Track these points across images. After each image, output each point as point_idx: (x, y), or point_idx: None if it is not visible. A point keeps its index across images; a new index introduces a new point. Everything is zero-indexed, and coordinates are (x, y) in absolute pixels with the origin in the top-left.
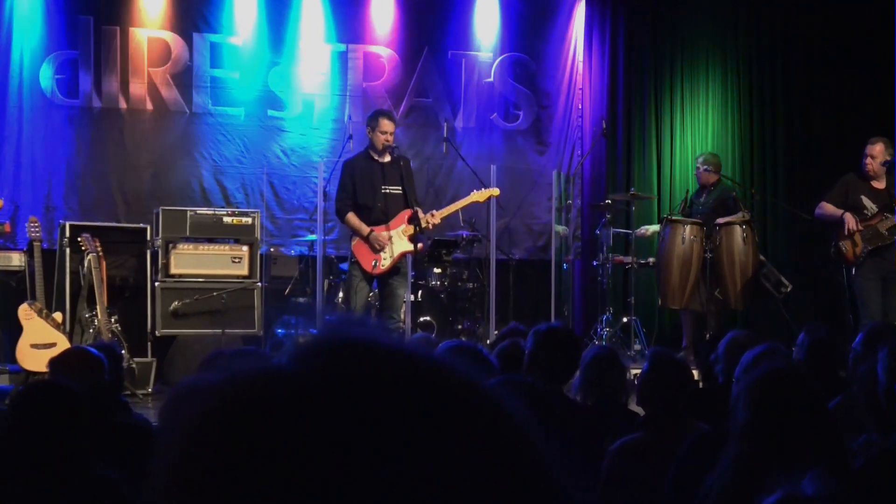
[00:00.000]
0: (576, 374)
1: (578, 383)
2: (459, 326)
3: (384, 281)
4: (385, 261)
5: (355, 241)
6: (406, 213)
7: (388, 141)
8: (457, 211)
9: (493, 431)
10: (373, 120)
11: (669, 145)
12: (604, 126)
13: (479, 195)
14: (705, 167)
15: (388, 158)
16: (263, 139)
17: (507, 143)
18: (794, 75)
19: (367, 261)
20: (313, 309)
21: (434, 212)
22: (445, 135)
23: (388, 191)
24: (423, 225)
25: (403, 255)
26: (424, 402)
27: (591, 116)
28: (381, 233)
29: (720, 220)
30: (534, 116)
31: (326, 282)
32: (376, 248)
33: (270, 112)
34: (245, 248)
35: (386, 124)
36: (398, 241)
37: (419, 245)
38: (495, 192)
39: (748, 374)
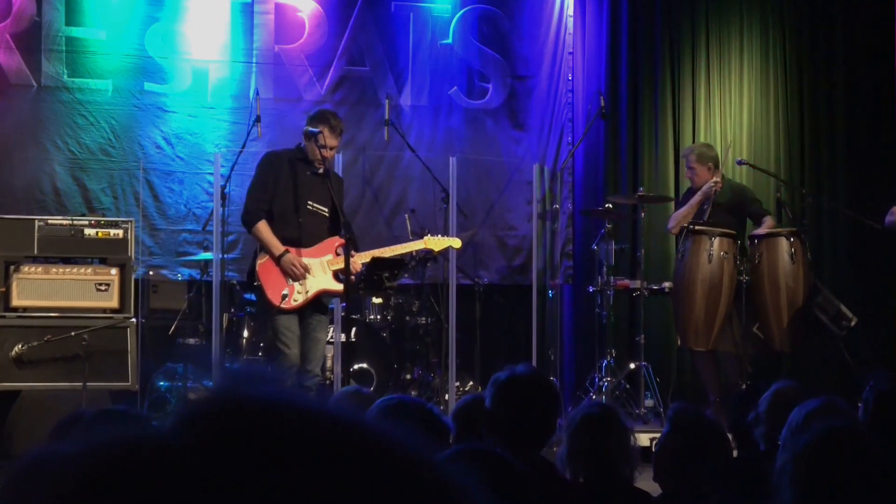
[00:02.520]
0: (560, 440)
1: (564, 453)
2: (408, 376)
3: (302, 323)
4: (298, 295)
5: (263, 260)
6: (334, 241)
7: (321, 162)
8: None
9: None
10: (315, 122)
11: (691, 130)
12: (602, 104)
13: (433, 241)
14: (699, 163)
15: (321, 171)
16: (139, 122)
17: (471, 127)
18: (857, 40)
19: (274, 289)
20: (207, 354)
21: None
22: (388, 116)
23: (313, 208)
24: (362, 261)
25: (321, 294)
26: (345, 486)
27: (584, 91)
28: (300, 257)
29: (759, 231)
30: (507, 91)
31: (226, 316)
32: (290, 276)
33: (148, 86)
34: (114, 270)
35: (329, 138)
36: (320, 274)
37: (341, 286)
38: (456, 243)
39: (797, 438)
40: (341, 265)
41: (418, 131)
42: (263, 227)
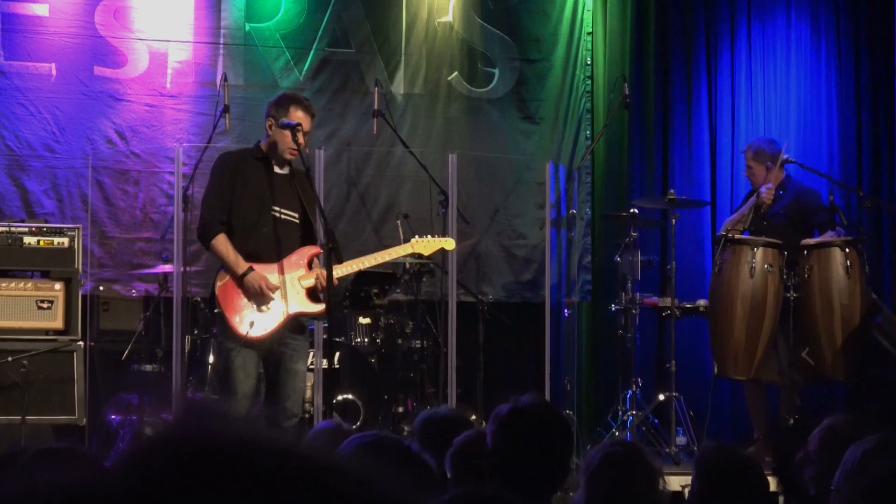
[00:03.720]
0: (577, 483)
1: (582, 499)
2: (400, 409)
3: (268, 347)
4: (267, 322)
5: (223, 282)
6: (307, 252)
7: (293, 153)
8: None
9: None
10: (285, 109)
11: (731, 123)
12: (626, 92)
13: (421, 245)
14: (755, 160)
15: (286, 170)
16: (87, 112)
17: (473, 119)
18: None
19: (238, 316)
20: (168, 383)
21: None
22: (377, 105)
23: (280, 214)
24: (336, 276)
25: (295, 318)
26: None
27: (606, 77)
28: (266, 274)
29: (809, 241)
30: (515, 76)
31: (188, 339)
32: (255, 299)
33: (99, 69)
34: (58, 285)
35: (300, 117)
36: (291, 294)
37: (319, 307)
38: (448, 244)
39: (853, 481)
40: (313, 281)
41: (412, 123)
42: (222, 242)
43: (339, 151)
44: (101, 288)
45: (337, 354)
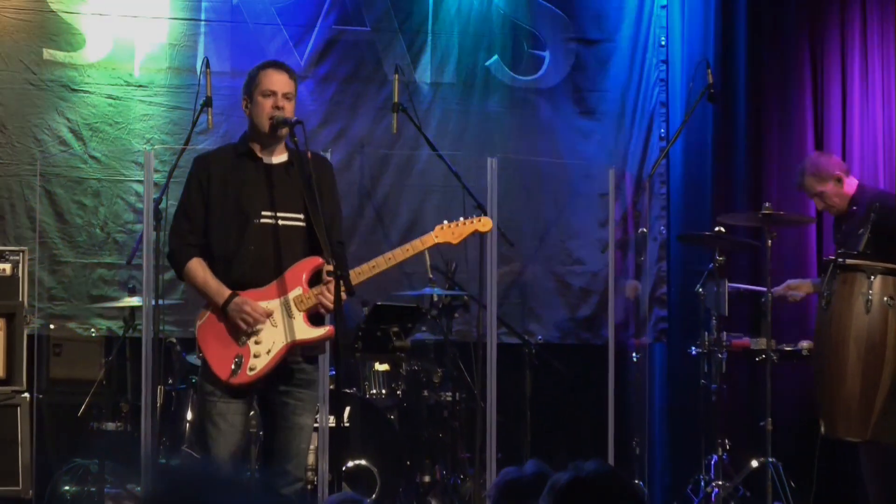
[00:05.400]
0: None
1: None
2: (426, 478)
3: (265, 395)
4: (256, 358)
5: (203, 320)
6: (306, 266)
7: (278, 112)
8: (408, 259)
9: None
10: (248, 83)
11: (841, 120)
12: (710, 81)
13: (448, 232)
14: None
15: (282, 157)
16: (35, 107)
17: (518, 114)
18: None
19: (220, 358)
20: (135, 445)
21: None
22: (396, 97)
23: (277, 221)
24: (344, 292)
25: (294, 347)
26: None
27: (684, 62)
28: (254, 301)
29: None
30: (571, 61)
31: (161, 390)
32: (239, 331)
33: (49, 53)
34: None
35: (274, 79)
36: (284, 319)
37: (323, 330)
38: (484, 225)
39: None
40: (313, 300)
41: (441, 120)
42: (196, 268)
43: (350, 155)
44: (51, 326)
45: (347, 410)
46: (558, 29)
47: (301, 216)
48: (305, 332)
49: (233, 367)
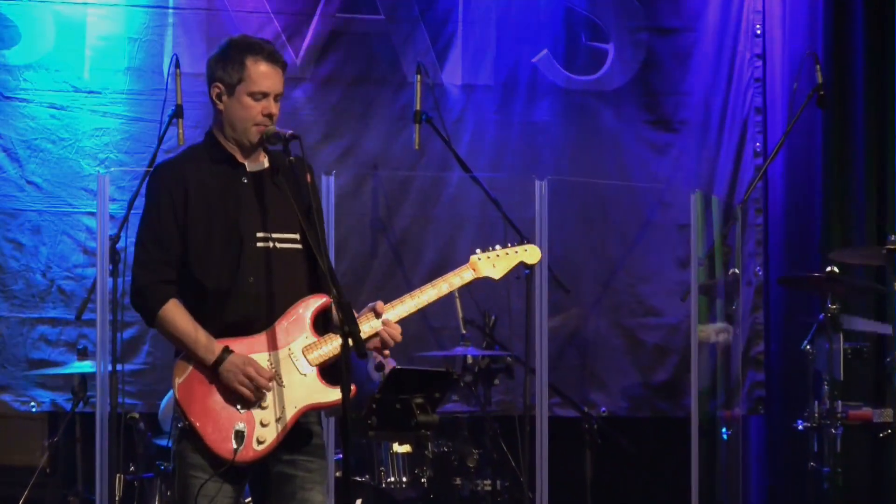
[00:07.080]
0: None
1: None
2: None
3: (267, 472)
4: (264, 430)
5: (184, 377)
6: (310, 307)
7: (270, 122)
8: (440, 299)
9: None
10: (226, 64)
11: None
12: (819, 81)
13: (487, 264)
14: None
15: (264, 162)
16: None
17: (573, 124)
18: None
19: (215, 428)
20: None
21: (380, 307)
22: (418, 104)
23: (271, 244)
24: (366, 337)
25: (308, 411)
26: None
27: (785, 57)
28: (250, 354)
29: None
30: (642, 56)
31: (121, 479)
32: (241, 398)
33: None
34: None
35: (269, 77)
36: (296, 375)
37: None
38: (532, 255)
39: None
40: (327, 351)
41: (476, 132)
42: (174, 312)
43: (360, 179)
44: None
45: (358, 502)
46: (625, 15)
47: (297, 236)
48: (322, 393)
49: (233, 440)
